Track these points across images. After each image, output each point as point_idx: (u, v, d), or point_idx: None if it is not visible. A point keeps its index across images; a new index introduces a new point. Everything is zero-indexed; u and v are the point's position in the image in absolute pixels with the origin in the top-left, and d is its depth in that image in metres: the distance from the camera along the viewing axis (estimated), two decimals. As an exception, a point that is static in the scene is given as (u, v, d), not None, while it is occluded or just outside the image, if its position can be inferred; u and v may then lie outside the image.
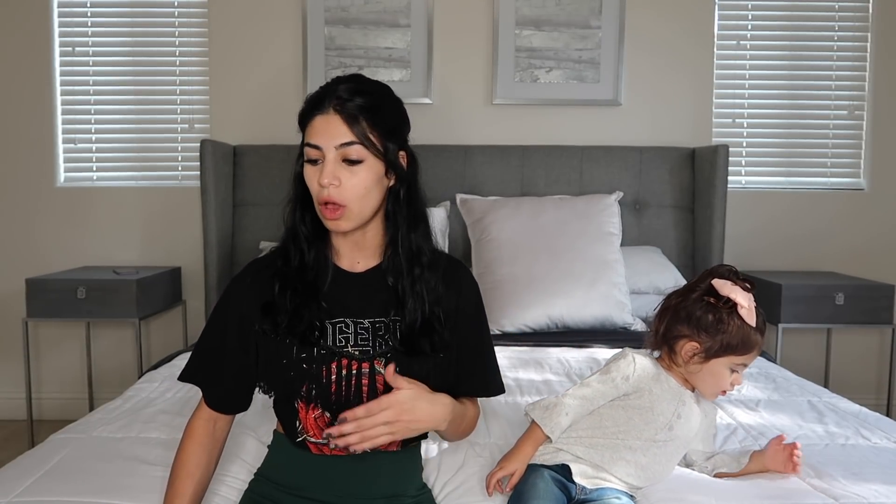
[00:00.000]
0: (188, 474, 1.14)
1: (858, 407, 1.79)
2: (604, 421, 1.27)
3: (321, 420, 1.13)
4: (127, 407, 1.75)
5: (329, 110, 1.10)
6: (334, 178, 1.09)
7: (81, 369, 3.14)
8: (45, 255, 3.13)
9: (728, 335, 1.23)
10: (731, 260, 3.08)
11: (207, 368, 1.18)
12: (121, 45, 3.13)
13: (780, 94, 3.17)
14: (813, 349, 3.12)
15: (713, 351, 1.24)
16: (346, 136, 1.09)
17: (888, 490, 1.27)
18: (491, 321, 2.45)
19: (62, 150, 3.16)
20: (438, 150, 2.98)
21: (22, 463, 1.40)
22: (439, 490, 1.32)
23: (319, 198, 1.12)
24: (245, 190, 2.98)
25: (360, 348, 1.14)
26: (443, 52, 3.10)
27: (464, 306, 1.22)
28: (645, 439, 1.25)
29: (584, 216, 2.65)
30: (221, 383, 1.17)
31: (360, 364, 1.13)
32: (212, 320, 1.20)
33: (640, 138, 3.11)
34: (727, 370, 1.26)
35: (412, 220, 1.18)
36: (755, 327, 1.24)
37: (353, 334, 1.14)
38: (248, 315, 1.16)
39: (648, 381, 1.28)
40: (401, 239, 1.17)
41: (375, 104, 1.12)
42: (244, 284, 1.19)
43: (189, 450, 1.16)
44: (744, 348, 1.24)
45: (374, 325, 1.15)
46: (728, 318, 1.24)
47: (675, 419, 1.26)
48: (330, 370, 1.12)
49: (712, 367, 1.26)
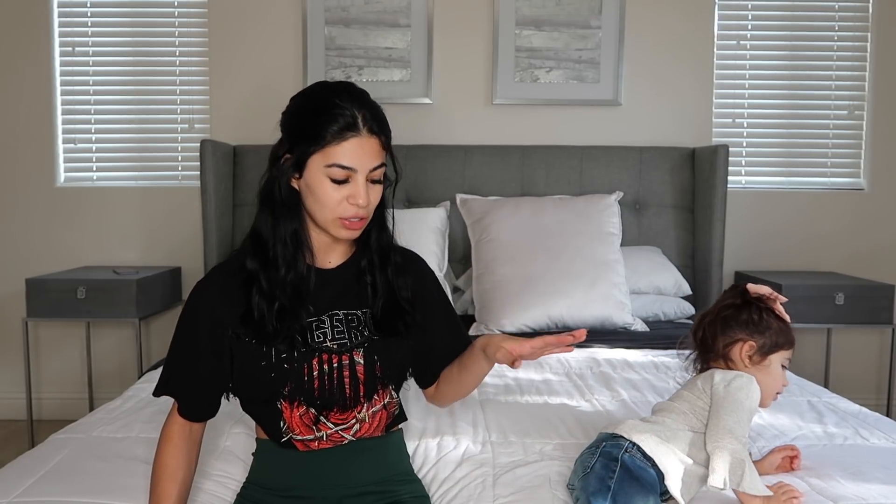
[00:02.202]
0: (171, 477, 1.15)
1: (858, 407, 1.79)
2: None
3: (306, 417, 1.15)
4: (127, 407, 1.75)
5: (363, 132, 1.11)
6: (367, 197, 1.13)
7: (81, 369, 3.14)
8: (45, 255, 3.13)
9: (774, 331, 1.29)
10: (731, 260, 3.09)
11: (182, 379, 1.18)
12: (121, 45, 3.13)
13: (780, 94, 3.17)
14: (813, 349, 3.12)
15: (767, 347, 1.29)
16: (379, 159, 1.15)
17: (887, 490, 1.27)
18: (491, 321, 2.46)
19: (62, 150, 3.16)
20: (438, 150, 2.98)
21: (22, 463, 1.40)
22: (436, 489, 1.32)
23: (345, 213, 1.13)
24: (245, 190, 2.98)
25: (338, 342, 1.16)
26: (443, 52, 3.10)
27: (427, 290, 1.29)
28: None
29: (584, 216, 2.65)
30: (195, 393, 1.17)
31: (340, 357, 1.16)
32: (181, 330, 1.19)
33: (640, 138, 3.11)
34: (780, 366, 1.30)
35: (382, 220, 1.24)
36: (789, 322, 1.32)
37: (330, 328, 1.17)
38: (220, 320, 1.15)
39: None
40: (375, 237, 1.22)
41: (386, 121, 1.17)
42: (212, 290, 1.18)
43: (168, 453, 1.16)
44: (788, 342, 1.30)
45: (348, 318, 1.18)
46: (768, 316, 1.30)
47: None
48: (311, 367, 1.14)
49: (769, 365, 1.29)
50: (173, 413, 1.19)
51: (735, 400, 1.21)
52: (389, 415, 1.22)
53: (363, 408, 1.18)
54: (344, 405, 1.16)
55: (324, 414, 1.15)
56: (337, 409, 1.16)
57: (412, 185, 2.95)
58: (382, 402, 1.20)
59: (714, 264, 2.83)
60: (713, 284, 2.83)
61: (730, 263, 3.06)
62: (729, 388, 1.23)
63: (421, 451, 1.45)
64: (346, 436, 1.17)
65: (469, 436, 1.52)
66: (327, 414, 1.16)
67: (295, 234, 1.16)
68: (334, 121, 1.10)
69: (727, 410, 1.20)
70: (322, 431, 1.16)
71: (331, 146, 1.11)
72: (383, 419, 1.21)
